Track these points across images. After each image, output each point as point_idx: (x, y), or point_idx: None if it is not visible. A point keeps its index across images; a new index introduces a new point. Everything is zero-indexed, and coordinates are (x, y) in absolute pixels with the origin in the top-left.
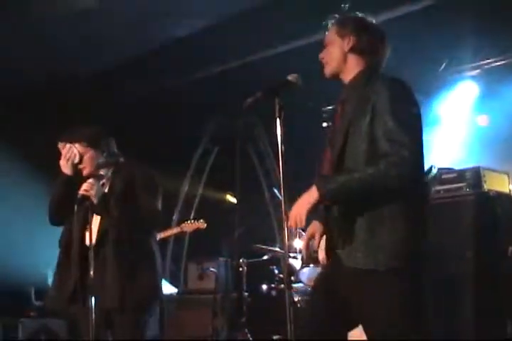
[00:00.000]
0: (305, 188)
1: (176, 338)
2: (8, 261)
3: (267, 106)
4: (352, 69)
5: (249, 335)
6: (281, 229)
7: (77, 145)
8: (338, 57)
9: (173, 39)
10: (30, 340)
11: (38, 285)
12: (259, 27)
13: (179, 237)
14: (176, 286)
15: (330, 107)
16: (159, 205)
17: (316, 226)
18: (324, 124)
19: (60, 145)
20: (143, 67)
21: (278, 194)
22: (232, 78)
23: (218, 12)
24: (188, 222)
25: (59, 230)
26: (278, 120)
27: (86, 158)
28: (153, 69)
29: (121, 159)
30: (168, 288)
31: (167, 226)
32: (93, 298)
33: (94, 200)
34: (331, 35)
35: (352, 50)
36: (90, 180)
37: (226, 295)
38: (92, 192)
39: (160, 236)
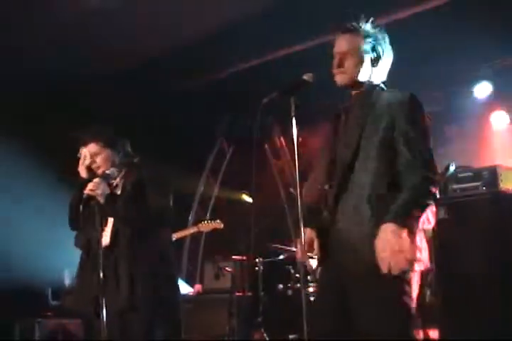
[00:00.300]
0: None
1: (193, 338)
2: (24, 261)
3: (282, 105)
4: (363, 79)
5: (265, 335)
6: (296, 228)
7: (92, 144)
8: (358, 68)
9: (189, 40)
10: (47, 340)
11: (55, 286)
12: (274, 26)
13: (195, 237)
14: (191, 286)
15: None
16: (169, 204)
17: (312, 233)
18: None
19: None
20: (157, 67)
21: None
22: (248, 77)
23: (234, 11)
24: (205, 222)
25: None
26: (294, 119)
27: (101, 157)
28: (167, 69)
29: (136, 160)
30: (184, 288)
31: (183, 226)
32: (104, 298)
33: (101, 200)
34: (353, 45)
35: (371, 62)
36: (96, 180)
37: (242, 295)
38: (98, 192)
39: (177, 236)
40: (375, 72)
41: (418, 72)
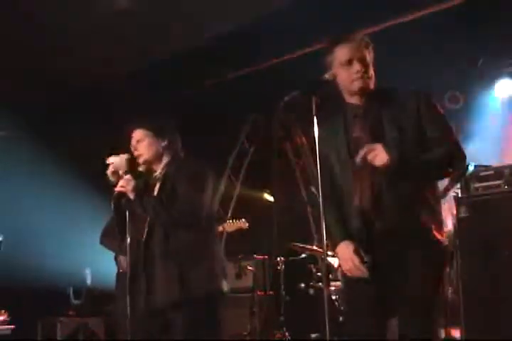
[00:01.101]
0: None
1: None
2: (46, 260)
3: (304, 104)
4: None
5: (287, 334)
6: (318, 227)
7: (138, 131)
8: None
9: (207, 40)
10: (69, 340)
11: (77, 285)
12: (295, 25)
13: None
14: None
15: None
16: (206, 199)
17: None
18: None
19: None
20: (177, 68)
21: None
22: (269, 77)
23: (251, 12)
24: (230, 221)
25: (98, 230)
26: (315, 118)
27: (143, 144)
28: (190, 68)
29: (181, 154)
30: None
31: None
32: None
33: (131, 196)
34: (368, 55)
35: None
36: (127, 176)
37: (264, 294)
38: (129, 188)
39: None
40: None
41: (440, 72)
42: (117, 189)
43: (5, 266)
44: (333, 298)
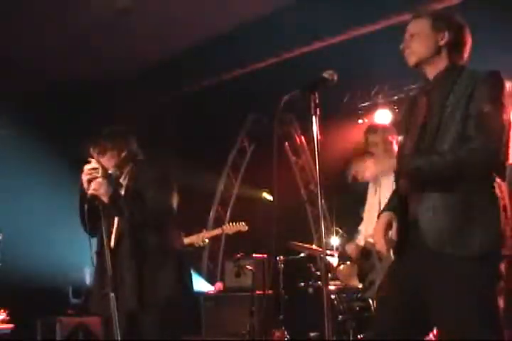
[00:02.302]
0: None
1: (214, 336)
2: (45, 259)
3: (303, 103)
4: (441, 62)
5: (286, 333)
6: (317, 226)
7: (98, 146)
8: (430, 49)
9: (207, 38)
10: (68, 339)
11: (76, 284)
12: (294, 24)
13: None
14: (212, 284)
15: (365, 104)
16: (171, 202)
17: (390, 215)
18: (360, 121)
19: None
20: (180, 67)
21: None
22: (268, 76)
23: (253, 10)
24: (230, 223)
25: None
26: (314, 117)
27: (104, 159)
28: (187, 69)
29: (140, 157)
30: (205, 286)
31: (203, 224)
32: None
33: (104, 199)
34: (423, 26)
35: (445, 44)
36: (99, 180)
37: (263, 293)
38: (101, 191)
39: (200, 237)
40: (447, 55)
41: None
42: (90, 192)
43: (4, 265)
44: (332, 297)
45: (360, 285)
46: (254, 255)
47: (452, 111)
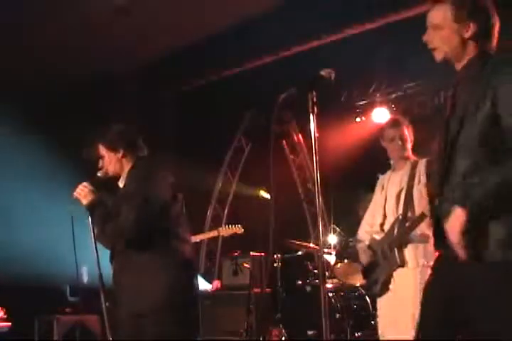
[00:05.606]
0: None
1: (211, 334)
2: (43, 257)
3: (300, 101)
4: (467, 54)
5: (283, 331)
6: (314, 224)
7: (99, 147)
8: (455, 43)
9: (205, 37)
10: (66, 337)
11: (73, 283)
12: (292, 22)
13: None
14: (209, 282)
15: (363, 102)
16: (153, 211)
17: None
18: (357, 119)
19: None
20: (175, 66)
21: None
22: (266, 74)
23: (250, 9)
24: (226, 226)
25: None
26: (311, 115)
27: (104, 160)
28: (185, 67)
29: (142, 154)
30: (202, 284)
31: (201, 222)
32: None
33: (84, 202)
34: (445, 17)
35: (471, 37)
36: (84, 183)
37: (261, 291)
38: (81, 195)
39: (197, 238)
40: (474, 47)
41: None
42: (74, 194)
43: (1, 263)
44: (330, 295)
45: (358, 284)
46: (251, 253)
47: (474, 111)
